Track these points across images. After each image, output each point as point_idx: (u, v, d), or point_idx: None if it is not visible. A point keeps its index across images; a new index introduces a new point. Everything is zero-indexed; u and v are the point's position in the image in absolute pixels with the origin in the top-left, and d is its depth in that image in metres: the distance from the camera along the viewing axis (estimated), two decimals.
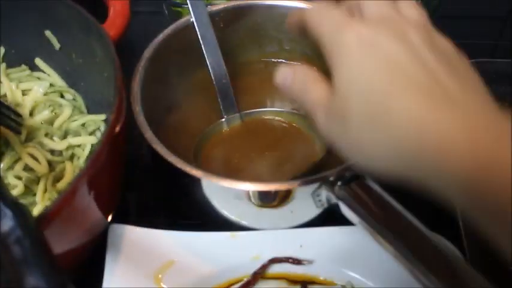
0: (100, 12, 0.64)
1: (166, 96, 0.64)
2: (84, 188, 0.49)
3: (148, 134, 0.55)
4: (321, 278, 0.55)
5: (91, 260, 0.55)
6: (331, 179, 0.52)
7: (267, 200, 0.55)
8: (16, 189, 0.58)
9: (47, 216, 0.45)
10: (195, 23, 0.61)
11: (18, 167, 0.60)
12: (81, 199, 0.49)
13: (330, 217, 0.55)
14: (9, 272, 0.37)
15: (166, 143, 0.54)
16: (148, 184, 0.67)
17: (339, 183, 0.52)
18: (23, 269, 0.37)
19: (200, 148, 0.63)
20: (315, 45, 0.43)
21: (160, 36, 0.63)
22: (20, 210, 0.42)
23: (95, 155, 0.49)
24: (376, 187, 0.51)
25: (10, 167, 0.60)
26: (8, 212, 0.41)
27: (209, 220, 0.58)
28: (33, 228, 0.41)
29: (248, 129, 0.65)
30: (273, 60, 0.70)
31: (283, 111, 0.66)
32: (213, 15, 0.64)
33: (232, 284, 0.55)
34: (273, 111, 0.66)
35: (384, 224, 0.49)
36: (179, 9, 0.70)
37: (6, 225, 0.40)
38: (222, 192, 0.55)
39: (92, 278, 0.54)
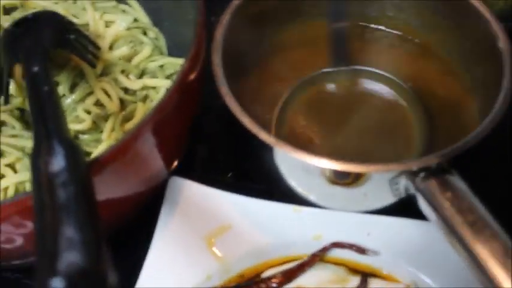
0: None
1: (254, 50, 0.60)
2: (147, 135, 0.46)
3: (224, 88, 0.51)
4: (384, 273, 0.51)
5: (147, 210, 0.53)
6: (414, 168, 0.47)
7: (340, 176, 0.51)
8: (84, 123, 0.56)
9: (101, 161, 0.42)
10: None
11: (89, 101, 0.58)
12: (143, 146, 0.46)
13: (405, 209, 0.50)
14: (48, 217, 0.35)
15: (247, 98, 0.51)
16: (220, 139, 0.64)
17: (422, 174, 0.47)
18: (61, 216, 0.34)
19: (294, 98, 0.60)
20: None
21: None
22: (74, 151, 0.40)
23: (163, 101, 0.46)
24: (462, 185, 0.46)
25: (81, 100, 0.58)
26: (61, 150, 0.39)
27: (275, 188, 0.54)
28: (82, 174, 0.38)
29: (347, 94, 0.61)
30: (371, 26, 0.64)
31: (394, 80, 0.61)
32: None
33: (288, 262, 0.51)
34: (384, 77, 0.61)
35: (463, 228, 0.43)
36: None
37: (57, 165, 0.38)
38: (293, 162, 0.51)
39: (143, 232, 0.52)
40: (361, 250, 0.50)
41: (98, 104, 0.58)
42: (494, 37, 0.54)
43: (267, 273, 0.51)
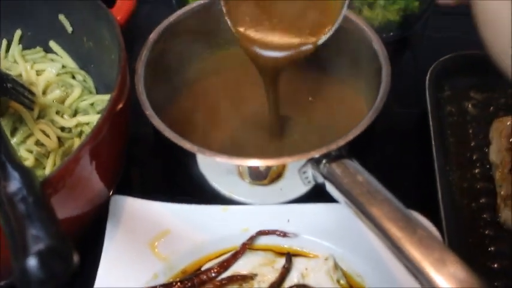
0: None
1: (170, 78, 0.68)
2: (86, 158, 0.53)
3: (149, 111, 0.59)
4: (305, 251, 0.59)
5: (94, 228, 0.59)
6: (317, 156, 0.55)
7: (258, 178, 0.59)
8: (27, 161, 0.63)
9: (51, 179, 0.49)
10: None
11: (30, 142, 0.65)
12: (84, 168, 0.53)
13: (318, 194, 0.58)
14: (15, 225, 0.42)
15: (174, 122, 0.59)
16: (151, 160, 0.71)
17: (324, 161, 0.56)
18: (26, 223, 0.41)
19: None
20: None
21: (165, 22, 0.67)
22: (26, 173, 0.47)
23: (96, 128, 0.53)
24: (357, 165, 0.55)
25: (23, 142, 0.65)
26: (15, 175, 0.46)
27: (205, 195, 0.61)
28: (37, 188, 0.45)
29: None
30: None
31: None
32: None
33: (223, 254, 0.59)
34: None
35: (361, 196, 0.52)
36: None
37: (14, 186, 0.45)
38: (216, 167, 0.59)
39: (93, 245, 0.59)
40: (283, 234, 0.58)
41: (39, 143, 0.65)
42: (370, 41, 0.64)
43: (206, 266, 0.58)
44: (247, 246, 0.58)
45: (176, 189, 0.66)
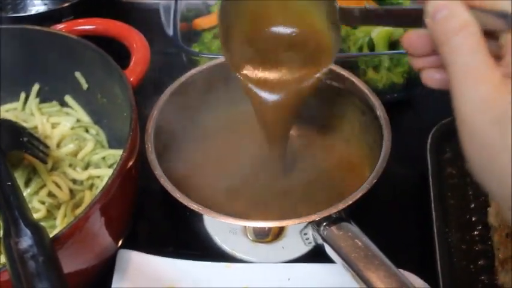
0: (123, 54, 0.71)
1: (180, 138, 0.71)
2: (96, 215, 0.55)
3: (158, 171, 0.61)
4: None
5: (101, 280, 0.62)
6: (317, 219, 0.57)
7: (261, 235, 0.61)
8: (39, 213, 0.65)
9: (61, 237, 0.51)
10: None
11: (43, 193, 0.67)
12: (93, 224, 0.56)
13: (319, 254, 0.59)
14: (25, 283, 0.44)
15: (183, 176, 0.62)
16: (158, 215, 0.73)
17: (324, 223, 0.58)
18: (35, 281, 0.44)
19: None
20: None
21: (176, 82, 0.70)
22: (38, 231, 0.49)
23: (107, 186, 0.56)
24: (356, 229, 0.57)
25: (35, 193, 0.67)
26: (27, 232, 0.48)
27: (209, 251, 0.64)
28: (48, 247, 0.48)
29: None
30: None
31: None
32: None
33: None
34: None
35: (357, 260, 0.54)
36: (197, 58, 0.77)
37: (25, 243, 0.47)
38: (221, 226, 0.61)
39: None
40: None
41: (51, 194, 0.67)
42: (374, 107, 0.67)
43: None
44: None
45: (182, 244, 0.68)
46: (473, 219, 0.70)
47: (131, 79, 0.66)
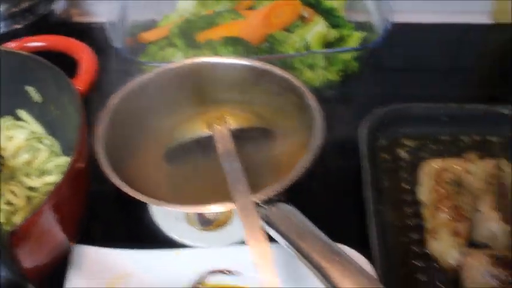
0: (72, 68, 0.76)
1: (127, 141, 0.75)
2: (49, 212, 0.60)
3: (107, 170, 0.65)
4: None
5: (59, 277, 0.66)
6: (257, 201, 0.62)
7: (205, 223, 0.66)
8: None
9: (17, 231, 0.55)
10: None
11: (1, 201, 0.71)
12: (47, 221, 0.60)
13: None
14: None
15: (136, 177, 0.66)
16: (111, 214, 0.78)
17: (264, 206, 0.62)
18: None
19: None
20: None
21: (124, 89, 0.75)
22: None
23: (57, 186, 0.60)
24: (292, 209, 0.61)
25: None
26: None
27: (159, 240, 0.69)
28: (5, 241, 0.52)
29: None
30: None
31: None
32: None
33: None
34: None
35: (294, 236, 0.59)
36: (144, 67, 0.82)
37: None
38: (168, 215, 0.66)
39: None
40: (229, 272, 0.65)
41: (9, 203, 0.71)
42: (304, 95, 0.72)
43: None
44: (199, 286, 0.64)
45: (134, 237, 0.73)
46: (407, 199, 0.75)
47: (79, 87, 0.71)
